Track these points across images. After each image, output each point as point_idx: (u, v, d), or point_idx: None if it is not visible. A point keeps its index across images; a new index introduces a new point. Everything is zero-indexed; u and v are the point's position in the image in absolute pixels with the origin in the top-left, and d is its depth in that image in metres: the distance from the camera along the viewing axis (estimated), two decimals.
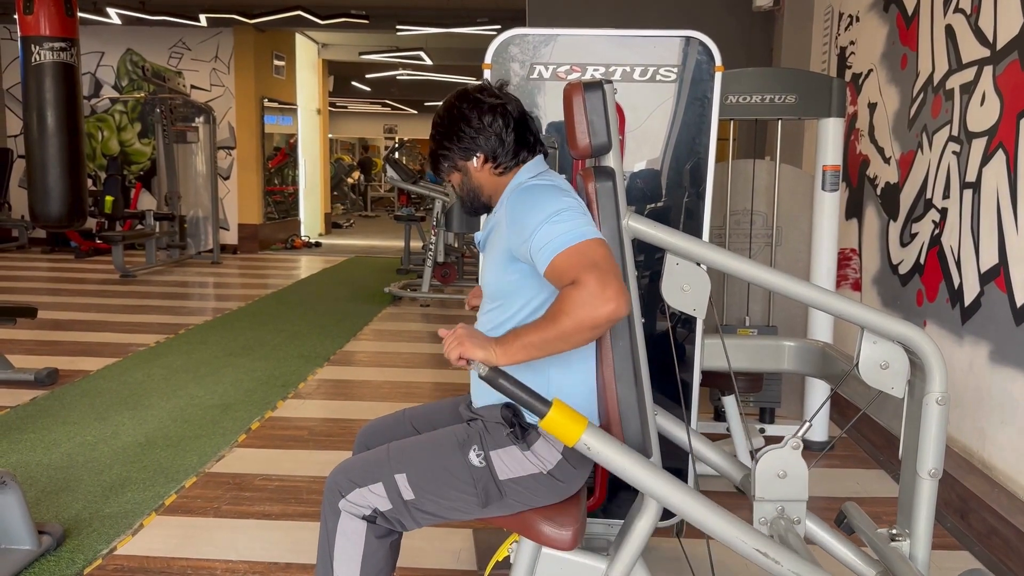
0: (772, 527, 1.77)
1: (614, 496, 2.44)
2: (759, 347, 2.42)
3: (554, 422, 1.52)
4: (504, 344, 1.55)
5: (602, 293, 1.47)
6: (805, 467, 1.75)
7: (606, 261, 1.52)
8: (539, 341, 1.53)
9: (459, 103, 1.78)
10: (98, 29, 10.33)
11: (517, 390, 1.52)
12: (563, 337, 1.52)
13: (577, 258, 1.53)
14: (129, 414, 4.00)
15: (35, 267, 9.19)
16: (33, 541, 2.51)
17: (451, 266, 7.80)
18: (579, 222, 1.58)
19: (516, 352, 1.54)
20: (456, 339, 1.56)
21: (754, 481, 1.76)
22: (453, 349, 1.55)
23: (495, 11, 9.15)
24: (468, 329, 1.58)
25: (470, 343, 1.54)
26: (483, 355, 1.53)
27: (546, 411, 1.52)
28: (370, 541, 1.71)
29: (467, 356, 1.54)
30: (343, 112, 23.78)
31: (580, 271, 1.50)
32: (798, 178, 3.82)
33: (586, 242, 1.55)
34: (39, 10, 4.63)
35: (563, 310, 1.50)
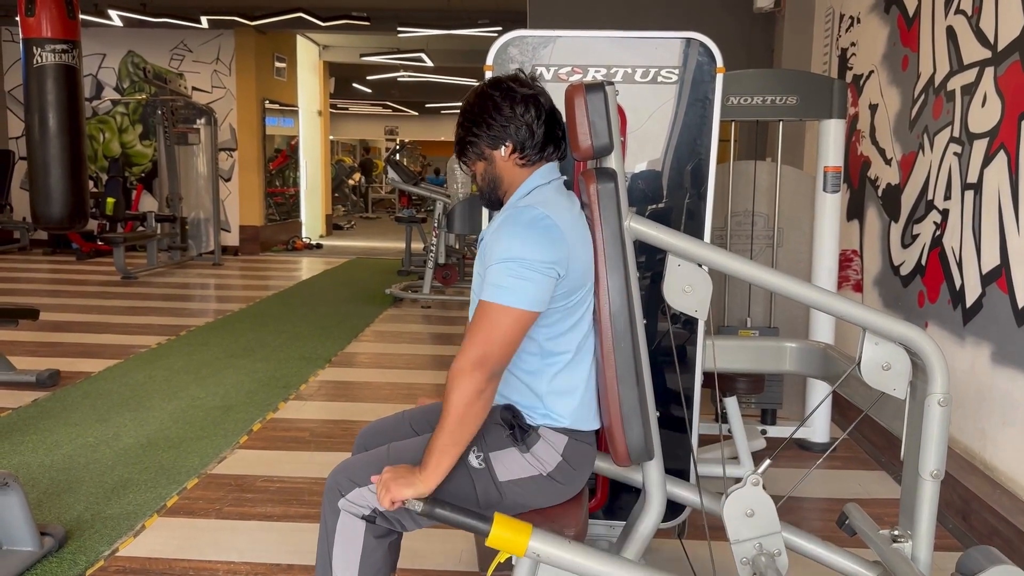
0: (754, 565, 1.77)
1: (616, 497, 2.44)
2: (760, 348, 2.42)
3: (499, 538, 1.55)
4: (425, 467, 1.58)
5: (472, 369, 1.55)
6: (770, 501, 1.76)
7: (502, 339, 1.57)
8: (448, 437, 1.57)
9: (492, 91, 1.76)
10: (99, 31, 10.35)
11: (458, 516, 1.55)
12: (459, 419, 1.56)
13: (485, 319, 1.58)
14: (130, 415, 4.00)
15: (36, 269, 9.20)
16: (35, 542, 2.52)
17: (452, 267, 7.81)
18: (518, 284, 1.58)
19: (438, 464, 1.58)
20: (383, 486, 1.57)
21: (726, 526, 1.77)
22: (383, 497, 1.57)
23: (496, 13, 9.16)
24: (391, 471, 1.59)
25: (396, 485, 1.56)
26: (411, 491, 1.55)
27: (488, 529, 1.54)
28: (368, 541, 1.71)
29: (397, 499, 1.55)
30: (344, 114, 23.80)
31: (474, 334, 1.58)
32: (799, 179, 3.82)
33: (507, 309, 1.57)
34: (41, 12, 4.64)
35: (447, 391, 1.57)
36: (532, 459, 1.71)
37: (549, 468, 1.72)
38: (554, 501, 1.75)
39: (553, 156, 1.80)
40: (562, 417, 1.73)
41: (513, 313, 1.57)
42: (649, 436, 1.73)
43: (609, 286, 1.71)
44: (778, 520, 1.77)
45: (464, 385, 1.55)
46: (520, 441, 1.70)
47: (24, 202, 10.18)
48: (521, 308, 1.58)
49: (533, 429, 1.73)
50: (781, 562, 1.76)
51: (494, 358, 1.57)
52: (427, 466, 1.58)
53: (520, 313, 1.58)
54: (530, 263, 1.59)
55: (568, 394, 1.74)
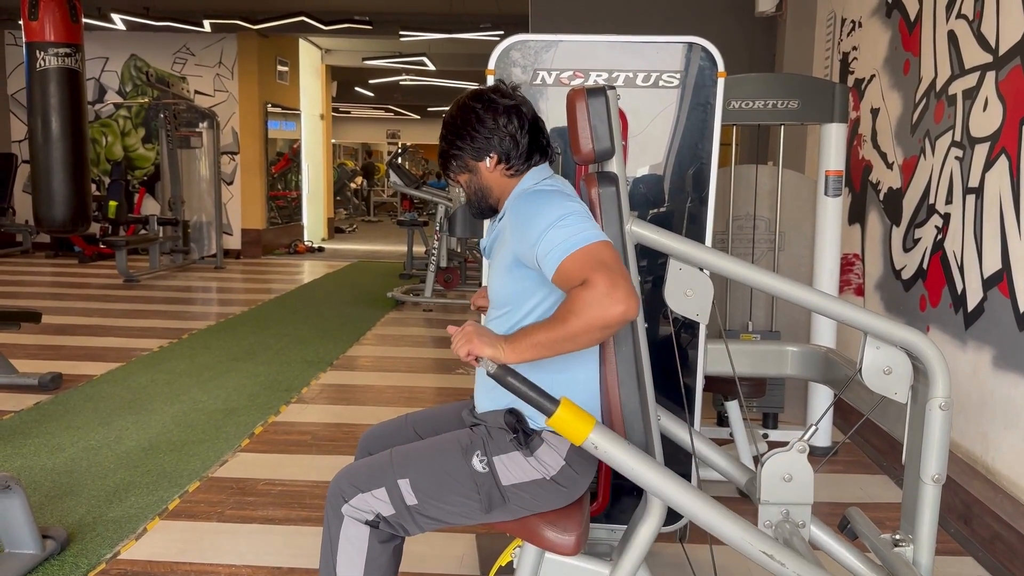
0: (777, 530, 1.77)
1: (617, 501, 2.44)
2: (762, 352, 2.42)
3: (562, 420, 1.52)
4: (513, 342, 1.55)
5: (612, 293, 1.47)
6: (811, 471, 1.76)
7: (615, 263, 1.52)
8: (548, 340, 1.53)
9: (473, 103, 1.77)
10: (102, 35, 10.37)
11: (526, 388, 1.52)
12: (572, 337, 1.51)
13: (586, 260, 1.52)
14: (133, 419, 4.01)
15: (39, 272, 9.22)
16: (37, 545, 2.52)
17: (454, 271, 7.81)
18: (584, 225, 1.58)
19: (525, 351, 1.54)
20: (465, 336, 1.55)
21: (760, 484, 1.76)
22: (462, 346, 1.54)
23: (498, 17, 9.18)
24: (477, 326, 1.58)
25: (479, 340, 1.54)
26: (492, 352, 1.53)
27: (554, 409, 1.52)
28: (373, 546, 1.71)
29: (476, 353, 1.54)
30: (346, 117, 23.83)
31: (590, 272, 1.50)
32: (801, 183, 3.82)
33: (593, 245, 1.54)
34: (44, 16, 4.65)
35: (573, 310, 1.50)
36: (536, 463, 1.71)
37: (552, 472, 1.72)
38: (557, 505, 1.75)
39: (540, 162, 1.81)
40: None
41: (598, 244, 1.55)
42: (650, 440, 1.73)
43: None
44: (813, 493, 1.77)
45: (613, 308, 1.46)
46: (524, 445, 1.71)
47: (27, 205, 10.18)
48: (601, 240, 1.56)
49: (536, 433, 1.73)
50: (804, 533, 1.76)
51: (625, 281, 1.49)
52: (515, 345, 1.54)
53: (603, 243, 1.55)
54: (571, 214, 1.59)
55: (570, 396, 1.73)
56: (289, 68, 11.93)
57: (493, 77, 2.36)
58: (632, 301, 1.48)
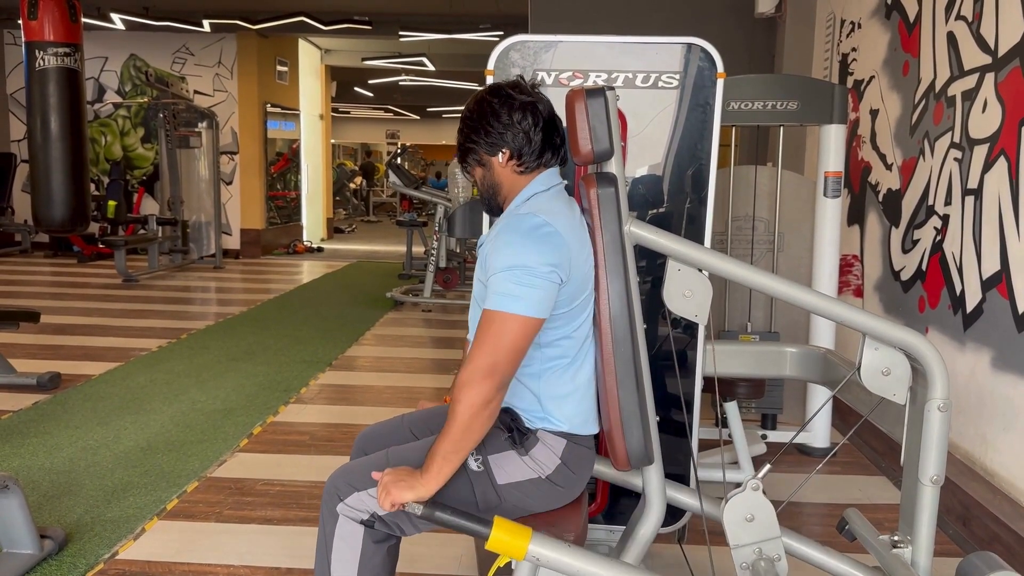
0: (754, 570, 1.77)
1: (616, 502, 2.44)
2: (761, 353, 2.42)
3: (499, 541, 1.54)
4: (426, 470, 1.58)
5: (480, 379, 1.54)
6: (770, 506, 1.76)
7: (510, 347, 1.57)
8: (451, 445, 1.57)
9: (490, 97, 1.76)
10: (102, 34, 10.37)
11: (458, 519, 1.54)
12: (466, 427, 1.56)
13: (492, 327, 1.58)
14: (131, 418, 4.00)
15: (38, 271, 9.21)
16: (35, 545, 2.52)
17: (453, 271, 7.81)
18: (522, 291, 1.58)
19: (439, 470, 1.57)
20: (383, 489, 1.57)
21: (726, 530, 1.77)
22: (384, 500, 1.56)
23: (497, 17, 9.18)
24: (392, 474, 1.59)
25: (396, 488, 1.56)
26: (412, 495, 1.55)
27: (488, 533, 1.54)
28: (367, 545, 1.71)
29: (397, 502, 1.55)
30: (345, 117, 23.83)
31: (482, 342, 1.57)
32: (800, 184, 3.83)
33: (513, 317, 1.57)
34: (43, 16, 4.65)
35: (454, 399, 1.56)
36: (531, 462, 1.71)
37: (548, 471, 1.72)
38: (553, 505, 1.75)
39: (552, 163, 1.80)
40: (561, 421, 1.73)
41: (519, 320, 1.57)
42: (649, 440, 1.73)
43: (609, 291, 1.71)
44: (778, 525, 1.77)
45: (472, 394, 1.55)
46: (519, 444, 1.71)
47: (26, 205, 10.17)
48: (527, 315, 1.58)
49: (532, 432, 1.73)
50: (781, 567, 1.76)
51: (502, 367, 1.57)
52: (429, 470, 1.57)
53: (526, 320, 1.58)
54: (533, 270, 1.59)
55: (567, 398, 1.74)
56: (288, 68, 11.92)
57: (492, 78, 2.36)
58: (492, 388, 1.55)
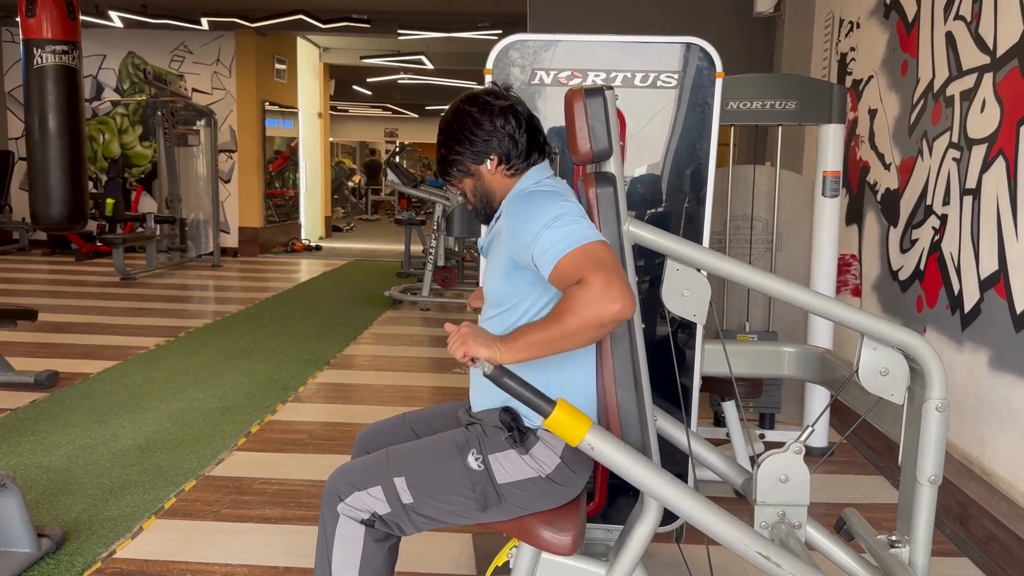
0: (773, 531, 1.77)
1: (614, 501, 2.44)
2: (759, 353, 2.42)
3: (558, 421, 1.52)
4: (509, 342, 1.54)
5: (607, 292, 1.46)
6: (807, 472, 1.76)
7: (611, 261, 1.52)
8: (544, 340, 1.52)
9: (468, 107, 1.76)
10: (100, 32, 10.35)
11: (522, 389, 1.51)
12: (568, 336, 1.51)
13: (582, 260, 1.52)
14: (129, 417, 4.00)
15: (36, 269, 9.20)
16: (32, 544, 2.51)
17: (451, 270, 7.81)
18: (580, 225, 1.58)
19: (521, 350, 1.53)
20: (460, 337, 1.55)
21: (756, 485, 1.77)
22: (458, 347, 1.54)
23: (496, 16, 9.17)
24: (473, 327, 1.58)
25: (474, 341, 1.53)
26: (487, 353, 1.52)
27: (550, 410, 1.51)
28: (368, 545, 1.71)
29: (472, 354, 1.53)
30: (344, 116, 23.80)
31: (585, 271, 1.50)
32: (798, 184, 3.83)
33: (589, 244, 1.54)
34: (41, 13, 4.64)
35: (569, 308, 1.49)
36: (531, 461, 1.71)
37: (548, 470, 1.72)
38: (553, 503, 1.75)
39: (539, 161, 1.81)
40: None
41: (595, 244, 1.54)
42: (647, 440, 1.73)
43: None
44: (809, 494, 1.77)
45: (610, 306, 1.46)
46: (519, 443, 1.71)
47: (24, 203, 10.18)
48: (598, 239, 1.55)
49: (532, 431, 1.73)
50: (800, 534, 1.76)
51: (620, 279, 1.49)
52: (511, 344, 1.54)
53: (600, 243, 1.55)
54: (566, 214, 1.59)
55: (567, 397, 1.73)
56: (287, 66, 11.91)
57: (491, 76, 2.36)
58: (628, 299, 1.47)
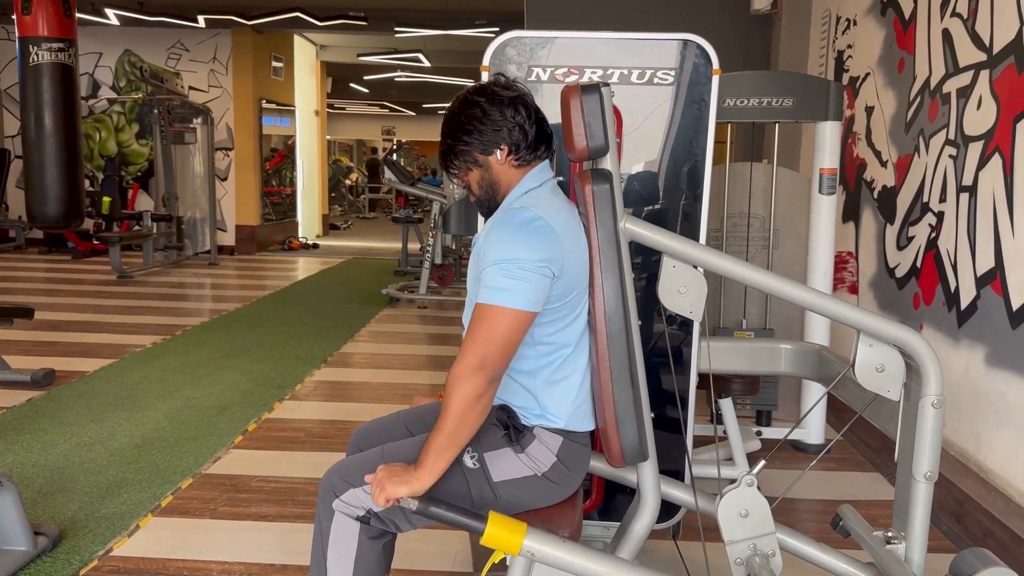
0: (748, 566, 1.77)
1: (611, 498, 2.44)
2: (756, 350, 2.42)
3: (494, 536, 1.55)
4: (420, 465, 1.58)
5: (472, 373, 1.55)
6: (765, 502, 1.77)
7: (500, 337, 1.57)
8: (445, 439, 1.57)
9: (477, 97, 1.74)
10: (96, 30, 10.33)
11: (452, 514, 1.55)
12: (459, 421, 1.56)
13: (484, 320, 1.58)
14: (126, 415, 4.00)
15: (32, 268, 9.18)
16: (29, 542, 2.51)
17: (448, 268, 7.80)
18: (514, 284, 1.58)
19: (434, 464, 1.57)
20: (378, 485, 1.57)
21: (720, 526, 1.78)
22: (379, 495, 1.56)
23: (493, 13, 9.16)
24: (385, 470, 1.59)
25: (391, 484, 1.55)
26: (407, 489, 1.55)
27: (483, 528, 1.54)
28: (363, 542, 1.70)
29: (392, 497, 1.55)
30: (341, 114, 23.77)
31: (472, 338, 1.58)
32: (795, 181, 3.83)
33: (504, 311, 1.57)
34: (37, 11, 4.63)
35: (446, 394, 1.57)
36: (527, 459, 1.71)
37: (544, 468, 1.72)
38: (549, 501, 1.75)
39: (545, 154, 1.80)
40: (557, 417, 1.73)
41: (510, 314, 1.57)
42: (644, 437, 1.73)
43: (604, 287, 1.71)
44: (772, 521, 1.77)
45: (464, 389, 1.55)
46: (515, 441, 1.71)
47: (20, 201, 10.13)
48: (518, 308, 1.58)
49: (528, 429, 1.73)
50: (775, 563, 1.77)
51: (493, 360, 1.57)
52: (423, 465, 1.57)
53: (517, 314, 1.58)
54: (525, 263, 1.59)
55: (563, 395, 1.74)
56: (284, 64, 11.89)
57: (488, 74, 2.36)
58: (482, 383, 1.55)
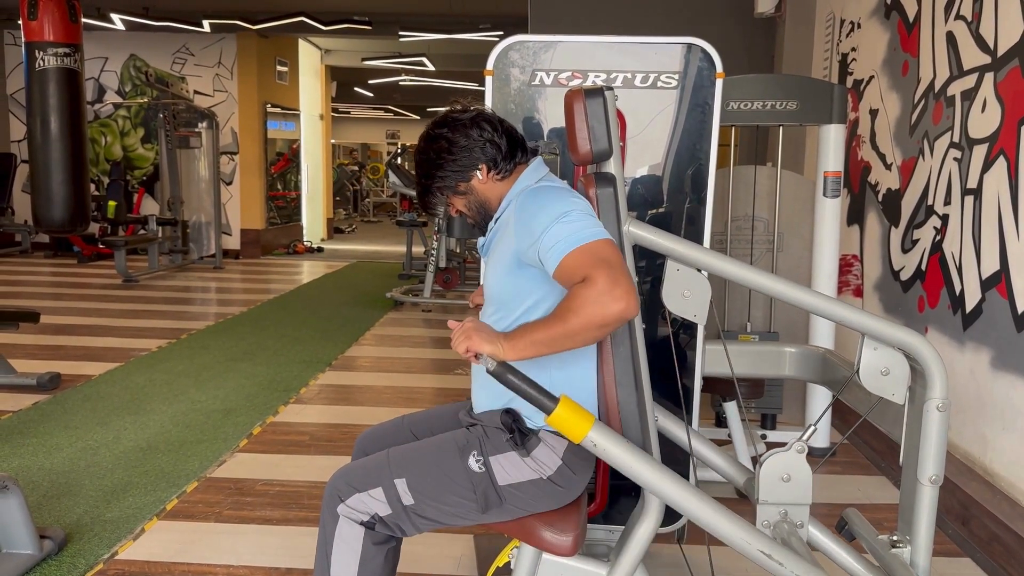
0: (775, 530, 1.77)
1: (615, 502, 2.44)
2: (760, 353, 2.42)
3: (561, 418, 1.52)
4: (512, 339, 1.54)
5: (611, 291, 1.46)
6: (809, 471, 1.76)
7: (617, 260, 1.52)
8: (547, 338, 1.52)
9: (438, 130, 1.78)
10: (102, 35, 10.37)
11: (525, 386, 1.52)
12: (571, 335, 1.51)
13: (587, 257, 1.52)
14: (131, 419, 4.00)
15: (38, 272, 9.21)
16: (35, 546, 2.52)
17: (453, 271, 7.81)
18: (587, 222, 1.58)
19: (525, 348, 1.54)
20: (464, 332, 1.55)
21: (758, 484, 1.77)
22: (461, 342, 1.54)
23: (497, 17, 9.18)
24: (477, 322, 1.58)
25: (478, 336, 1.54)
26: (491, 349, 1.53)
27: (553, 407, 1.52)
28: (367, 547, 1.70)
29: (475, 349, 1.53)
30: (346, 117, 23.83)
31: (590, 269, 1.50)
32: (799, 184, 3.83)
33: (596, 242, 1.54)
34: (43, 16, 4.65)
35: (572, 307, 1.49)
36: (532, 463, 1.71)
37: (549, 472, 1.72)
38: (554, 505, 1.75)
39: (524, 159, 1.81)
40: None
41: (604, 243, 1.54)
42: (648, 440, 1.73)
43: None
44: (811, 494, 1.77)
45: (613, 306, 1.46)
46: (520, 445, 1.70)
47: (26, 205, 10.18)
48: (604, 237, 1.56)
49: (533, 433, 1.73)
50: (802, 534, 1.76)
51: (625, 279, 1.49)
52: (516, 341, 1.54)
53: (608, 241, 1.55)
54: (576, 210, 1.60)
55: (569, 394, 1.73)
56: (288, 68, 11.92)
57: (492, 77, 2.37)
58: (631, 299, 1.47)
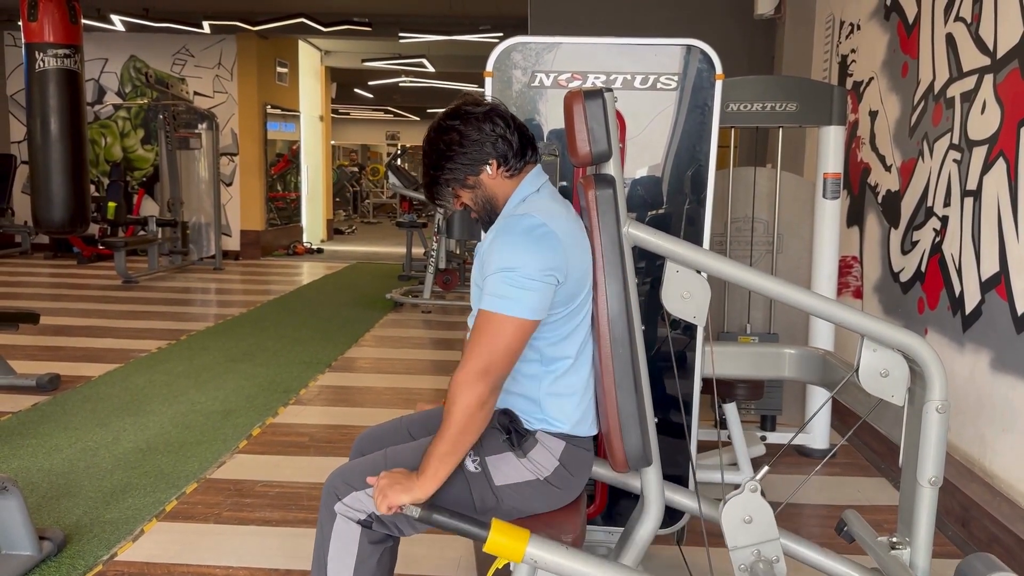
0: (752, 572, 1.77)
1: (615, 503, 2.44)
2: (760, 354, 2.42)
3: (497, 543, 1.55)
4: (423, 471, 1.58)
5: (477, 380, 1.55)
6: (768, 508, 1.76)
7: (504, 345, 1.57)
8: (447, 446, 1.57)
9: (451, 122, 1.75)
10: (102, 36, 10.37)
11: (455, 521, 1.55)
12: (463, 428, 1.56)
13: (486, 327, 1.59)
14: (130, 420, 4.00)
15: (38, 273, 9.21)
16: (34, 547, 2.51)
17: (453, 272, 7.80)
18: (519, 293, 1.58)
19: (436, 470, 1.58)
20: (380, 492, 1.57)
21: (724, 532, 1.77)
22: (380, 503, 1.57)
23: (497, 19, 9.18)
24: (388, 477, 1.59)
25: (392, 492, 1.56)
26: (409, 498, 1.56)
27: (486, 534, 1.55)
28: (364, 546, 1.71)
29: (394, 504, 1.55)
30: (345, 119, 23.84)
31: (475, 346, 1.58)
32: (799, 186, 3.83)
33: (508, 319, 1.57)
34: (43, 17, 4.65)
35: (449, 400, 1.57)
36: (529, 464, 1.71)
37: (546, 473, 1.72)
38: (552, 506, 1.75)
39: (533, 159, 1.80)
40: (560, 422, 1.73)
41: (514, 322, 1.58)
42: (647, 442, 1.73)
43: (608, 292, 1.71)
44: (776, 527, 1.77)
45: (467, 395, 1.55)
46: (517, 446, 1.71)
47: (26, 206, 10.17)
48: (522, 317, 1.58)
49: (530, 434, 1.73)
50: (779, 568, 1.76)
51: (497, 368, 1.57)
52: (425, 472, 1.58)
53: (521, 322, 1.58)
54: (529, 271, 1.59)
55: (566, 399, 1.74)
56: (288, 69, 11.93)
57: (492, 79, 2.37)
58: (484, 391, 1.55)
